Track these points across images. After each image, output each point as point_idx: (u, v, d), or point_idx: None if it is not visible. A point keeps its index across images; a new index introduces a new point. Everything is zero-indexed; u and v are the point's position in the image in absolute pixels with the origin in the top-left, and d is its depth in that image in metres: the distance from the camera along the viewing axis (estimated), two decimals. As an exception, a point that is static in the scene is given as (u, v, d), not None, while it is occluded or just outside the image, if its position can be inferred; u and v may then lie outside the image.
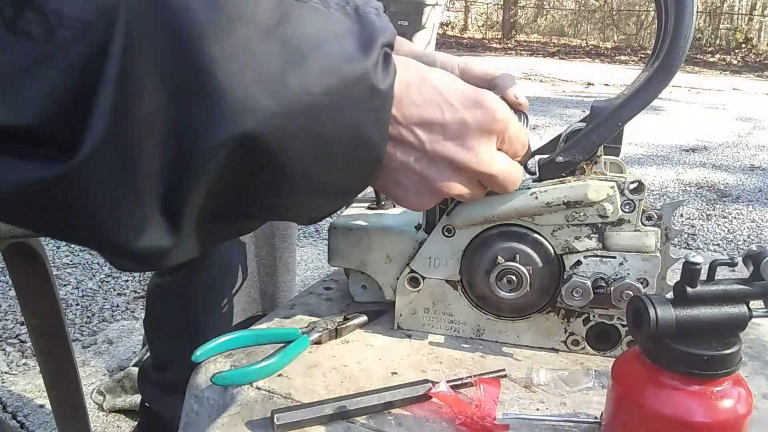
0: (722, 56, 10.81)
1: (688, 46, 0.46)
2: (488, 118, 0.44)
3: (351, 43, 0.36)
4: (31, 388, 1.28)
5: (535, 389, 0.48)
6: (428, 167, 0.44)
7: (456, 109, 0.43)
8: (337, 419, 0.44)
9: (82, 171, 0.30)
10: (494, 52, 10.35)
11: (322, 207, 0.43)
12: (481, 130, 0.44)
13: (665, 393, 0.36)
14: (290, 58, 0.33)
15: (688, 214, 2.61)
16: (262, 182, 0.37)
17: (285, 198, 0.39)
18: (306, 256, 2.01)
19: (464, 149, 0.44)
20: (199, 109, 0.31)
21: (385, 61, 0.38)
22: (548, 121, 4.21)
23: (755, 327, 0.60)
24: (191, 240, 0.37)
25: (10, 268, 0.86)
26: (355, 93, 0.36)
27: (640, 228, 0.50)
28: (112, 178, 0.31)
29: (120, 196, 0.32)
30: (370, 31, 0.37)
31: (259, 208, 0.40)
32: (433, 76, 0.43)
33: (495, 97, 0.45)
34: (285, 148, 0.35)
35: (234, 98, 0.32)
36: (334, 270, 0.71)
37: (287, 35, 0.34)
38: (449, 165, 0.44)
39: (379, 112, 0.38)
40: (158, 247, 0.35)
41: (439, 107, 0.43)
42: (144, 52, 0.30)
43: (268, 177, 0.37)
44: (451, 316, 0.56)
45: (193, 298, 0.81)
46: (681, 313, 0.35)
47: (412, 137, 0.42)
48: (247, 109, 0.32)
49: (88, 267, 1.83)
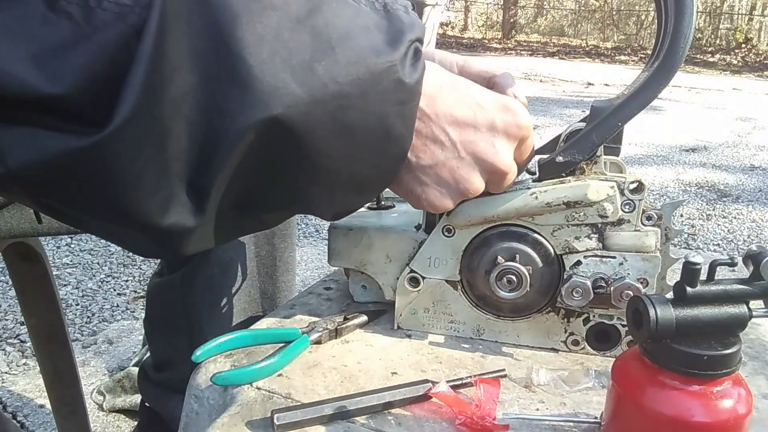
0: (722, 56, 10.81)
1: (688, 46, 0.46)
2: (515, 122, 0.46)
3: (379, 37, 0.37)
4: (31, 388, 1.28)
5: (535, 389, 0.48)
6: (457, 167, 0.45)
7: (486, 111, 0.45)
8: (337, 419, 0.44)
9: (110, 144, 0.30)
10: (494, 52, 10.35)
11: (345, 201, 0.43)
12: (508, 133, 0.46)
13: (665, 393, 0.36)
14: (319, 47, 0.34)
15: (688, 214, 2.61)
16: (287, 169, 0.37)
17: (309, 188, 0.40)
18: (306, 256, 2.02)
19: (494, 150, 0.45)
20: (229, 91, 0.32)
21: (414, 56, 0.38)
22: (548, 121, 4.21)
23: (755, 327, 0.60)
24: (213, 226, 0.38)
25: (10, 268, 0.86)
26: (381, 85, 0.37)
27: (640, 228, 0.50)
28: (140, 153, 0.32)
29: (148, 172, 0.32)
30: (398, 26, 0.38)
31: (283, 198, 0.40)
32: (463, 80, 0.45)
33: (520, 104, 0.47)
34: (311, 135, 0.35)
35: (264, 83, 0.32)
36: (334, 270, 0.71)
37: (317, 25, 0.35)
38: (478, 165, 0.45)
39: (405, 106, 0.39)
40: (182, 226, 0.35)
41: (471, 108, 0.44)
42: (178, 34, 0.31)
43: (293, 164, 0.37)
44: (451, 316, 0.56)
45: (193, 297, 0.81)
46: (681, 313, 0.35)
47: (444, 136, 0.43)
48: (275, 94, 0.33)
49: (88, 267, 1.83)
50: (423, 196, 0.46)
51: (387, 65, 0.36)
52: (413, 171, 0.44)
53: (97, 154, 0.31)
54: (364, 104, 0.36)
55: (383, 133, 0.38)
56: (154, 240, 0.36)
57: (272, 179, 0.38)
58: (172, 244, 0.37)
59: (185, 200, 0.35)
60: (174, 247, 0.37)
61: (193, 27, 0.31)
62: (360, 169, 0.40)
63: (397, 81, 0.37)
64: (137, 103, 0.30)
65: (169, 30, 0.30)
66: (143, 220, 0.34)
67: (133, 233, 0.36)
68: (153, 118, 0.31)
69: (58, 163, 0.31)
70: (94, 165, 0.31)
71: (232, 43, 0.32)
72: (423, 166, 0.44)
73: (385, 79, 0.37)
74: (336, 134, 0.36)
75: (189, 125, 0.32)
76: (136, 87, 0.30)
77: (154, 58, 0.30)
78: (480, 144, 0.45)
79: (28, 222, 0.73)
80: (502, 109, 0.45)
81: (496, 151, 0.45)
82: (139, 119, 0.30)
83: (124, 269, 1.83)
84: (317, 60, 0.34)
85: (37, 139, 0.30)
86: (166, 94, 0.31)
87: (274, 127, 0.34)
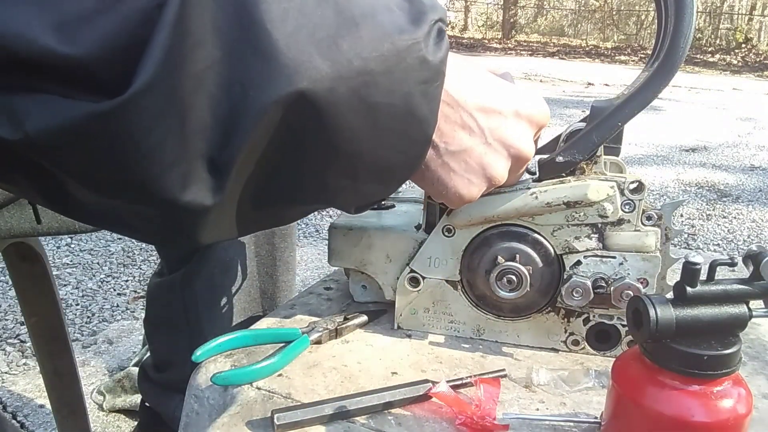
0: (722, 56, 10.81)
1: (688, 46, 0.46)
2: (536, 111, 0.47)
3: (401, 16, 0.37)
4: (31, 388, 1.28)
5: (535, 389, 0.48)
6: (485, 153, 0.45)
7: (511, 97, 0.45)
8: (337, 419, 0.44)
9: (127, 111, 0.30)
10: (494, 52, 10.35)
11: (368, 191, 0.42)
12: (531, 120, 0.47)
13: (665, 393, 0.36)
14: (343, 23, 0.34)
15: (688, 214, 2.61)
16: (309, 151, 0.37)
17: (331, 175, 0.39)
18: (306, 256, 2.02)
19: (519, 136, 0.46)
20: (253, 66, 0.32)
21: (438, 36, 0.38)
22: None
23: (755, 327, 0.60)
24: (232, 214, 0.37)
25: (10, 268, 0.86)
26: (405, 62, 0.36)
27: (640, 228, 0.50)
28: (158, 124, 0.31)
29: (167, 145, 0.32)
30: (419, 7, 0.38)
31: (305, 186, 0.40)
32: (481, 67, 0.46)
33: (537, 92, 0.48)
34: (335, 112, 0.35)
35: (288, 57, 0.32)
36: (334, 270, 0.71)
37: (341, 2, 0.35)
38: (504, 151, 0.45)
39: (429, 85, 0.38)
40: (200, 204, 0.34)
41: (496, 94, 0.45)
42: (201, 6, 0.30)
43: (316, 145, 0.36)
44: (451, 316, 0.56)
45: (194, 297, 0.81)
46: (681, 313, 0.35)
47: (472, 122, 0.43)
48: (300, 69, 0.33)
49: (88, 267, 1.83)
50: (451, 184, 0.45)
51: (411, 42, 0.36)
52: (442, 157, 0.44)
53: (114, 121, 0.30)
54: (388, 81, 0.36)
55: (407, 113, 0.38)
56: (171, 218, 0.36)
57: (293, 163, 0.37)
58: (188, 224, 0.36)
59: (205, 176, 0.34)
60: (189, 229, 0.37)
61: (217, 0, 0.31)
62: (383, 154, 0.39)
63: (421, 59, 0.37)
64: (156, 73, 0.30)
65: (192, 2, 0.30)
66: (161, 194, 0.33)
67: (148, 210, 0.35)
68: (172, 89, 0.31)
69: (75, 129, 0.30)
70: (111, 132, 0.31)
71: (256, 16, 0.31)
72: (452, 152, 0.44)
73: (408, 57, 0.36)
74: (360, 113, 0.36)
75: (211, 99, 0.32)
76: (156, 57, 0.29)
77: (176, 30, 0.30)
78: (507, 130, 0.45)
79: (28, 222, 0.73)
80: (523, 95, 0.46)
81: (521, 137, 0.46)
82: (157, 89, 0.30)
83: (124, 269, 1.83)
84: (341, 35, 0.34)
85: (55, 105, 0.30)
86: (187, 67, 0.31)
87: (299, 102, 0.33)
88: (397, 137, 0.39)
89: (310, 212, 0.45)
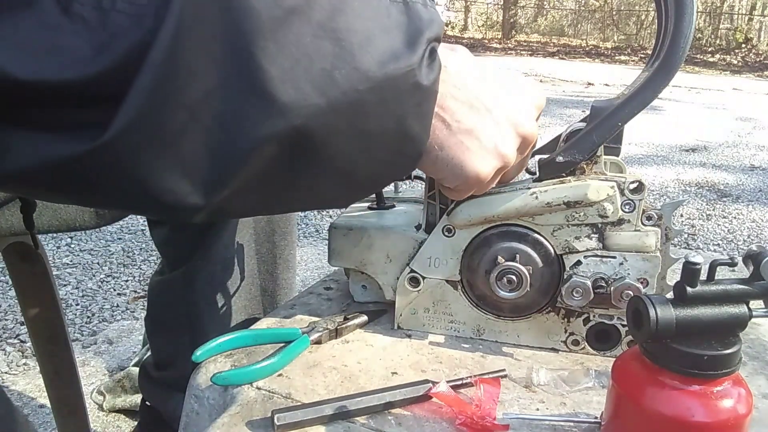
0: (722, 56, 10.81)
1: (688, 46, 0.46)
2: (538, 95, 0.49)
3: (398, 38, 0.37)
4: (31, 388, 1.28)
5: (535, 389, 0.48)
6: (496, 130, 0.45)
7: (516, 82, 0.47)
8: (337, 419, 0.44)
9: (111, 148, 0.30)
10: (494, 52, 10.35)
11: (360, 194, 0.44)
12: (534, 104, 0.48)
13: (665, 393, 0.36)
14: (340, 54, 0.34)
15: (688, 214, 2.61)
16: (305, 173, 0.37)
17: (325, 189, 0.40)
18: (306, 256, 2.01)
19: (525, 115, 0.47)
20: (247, 101, 0.32)
21: (430, 57, 0.38)
22: (548, 121, 4.21)
23: (755, 327, 0.60)
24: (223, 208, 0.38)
25: (10, 267, 0.86)
26: (399, 89, 0.37)
27: (640, 228, 0.50)
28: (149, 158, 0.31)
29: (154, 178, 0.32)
30: (417, 24, 0.38)
31: (297, 200, 0.41)
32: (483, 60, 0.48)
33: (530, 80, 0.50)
34: (330, 143, 0.35)
35: (284, 93, 0.32)
36: (334, 270, 0.71)
37: (339, 31, 0.34)
38: (512, 129, 0.46)
39: (422, 106, 0.39)
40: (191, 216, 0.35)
41: (501, 76, 0.46)
42: (195, 38, 0.30)
43: (310, 170, 0.37)
44: (451, 316, 0.56)
45: (195, 295, 0.81)
46: (681, 313, 0.35)
47: (478, 102, 0.44)
48: (296, 105, 0.33)
49: (88, 267, 1.83)
50: (468, 162, 0.45)
51: (405, 70, 0.36)
52: (456, 135, 0.44)
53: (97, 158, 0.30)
54: (382, 109, 0.36)
55: (400, 134, 0.39)
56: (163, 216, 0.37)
57: (288, 183, 0.38)
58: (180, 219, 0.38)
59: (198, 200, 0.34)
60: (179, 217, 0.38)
61: (213, 32, 0.30)
62: (377, 169, 0.40)
63: (414, 84, 0.37)
64: (141, 107, 0.29)
65: (187, 34, 0.29)
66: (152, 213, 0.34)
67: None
68: (161, 123, 0.30)
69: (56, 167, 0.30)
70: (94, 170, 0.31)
71: (253, 52, 0.31)
72: (465, 130, 0.44)
73: (403, 83, 0.36)
74: (354, 139, 0.37)
75: (205, 134, 0.32)
76: (142, 91, 0.29)
77: (167, 63, 0.29)
78: (513, 109, 0.46)
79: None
80: (526, 82, 0.48)
81: (527, 116, 0.47)
82: (145, 124, 0.30)
83: (124, 269, 1.83)
84: (337, 68, 0.34)
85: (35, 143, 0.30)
86: (179, 100, 0.30)
87: (293, 137, 0.34)
88: (391, 155, 0.40)
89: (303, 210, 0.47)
